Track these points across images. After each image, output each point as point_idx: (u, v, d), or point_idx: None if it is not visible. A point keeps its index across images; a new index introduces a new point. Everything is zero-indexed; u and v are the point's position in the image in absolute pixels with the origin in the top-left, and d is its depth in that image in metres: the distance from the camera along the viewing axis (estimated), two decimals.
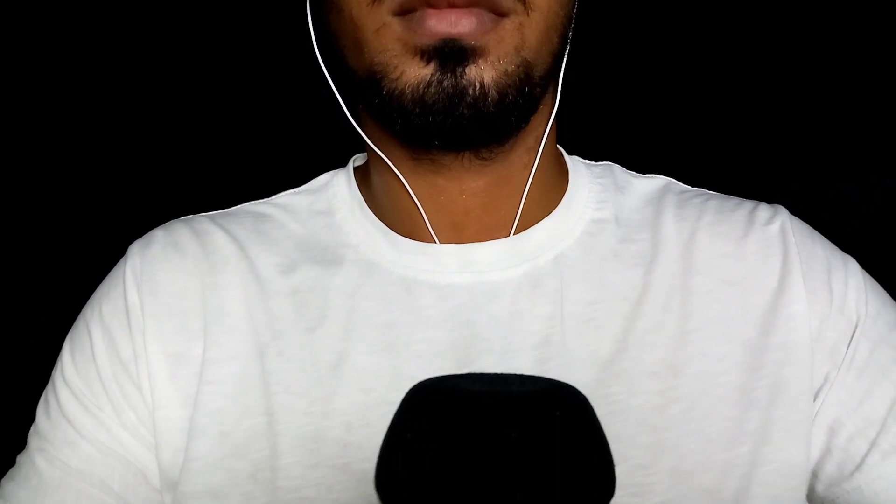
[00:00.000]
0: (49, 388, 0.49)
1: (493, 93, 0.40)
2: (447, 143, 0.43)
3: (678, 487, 0.42)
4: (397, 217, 0.49)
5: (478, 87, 0.40)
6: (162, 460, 0.45)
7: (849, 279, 0.48)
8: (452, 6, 0.39)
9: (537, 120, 0.48)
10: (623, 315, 0.46)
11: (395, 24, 0.40)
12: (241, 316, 0.47)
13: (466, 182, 0.47)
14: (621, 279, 0.47)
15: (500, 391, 0.34)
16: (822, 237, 0.52)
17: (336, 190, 0.53)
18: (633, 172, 0.56)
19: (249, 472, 0.43)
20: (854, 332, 0.46)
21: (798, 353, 0.45)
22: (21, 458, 0.48)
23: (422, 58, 0.40)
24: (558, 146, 0.55)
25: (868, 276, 0.50)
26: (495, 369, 0.44)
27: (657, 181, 0.55)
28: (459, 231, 0.48)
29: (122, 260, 0.51)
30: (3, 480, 0.47)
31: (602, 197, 0.52)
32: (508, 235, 0.48)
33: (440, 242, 0.48)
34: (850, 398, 0.45)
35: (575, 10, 0.46)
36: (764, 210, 0.51)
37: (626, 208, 0.51)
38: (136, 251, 0.50)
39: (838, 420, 0.45)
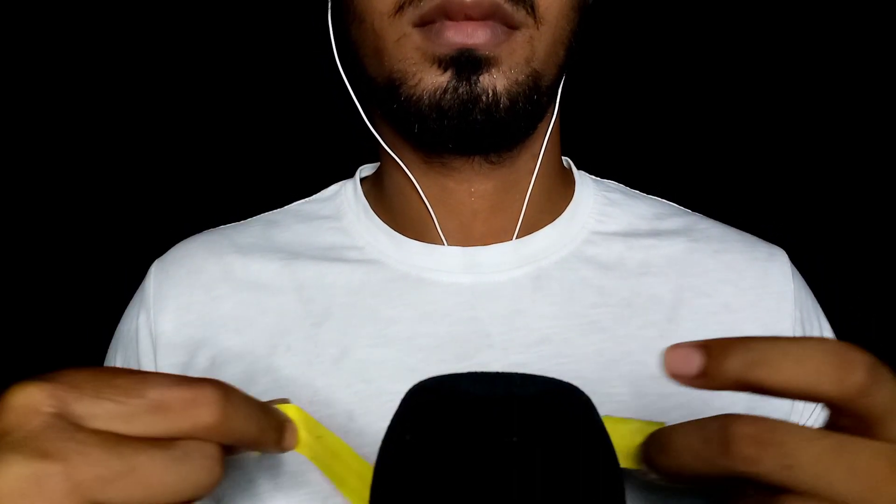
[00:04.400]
0: None
1: (504, 100, 0.43)
2: (460, 146, 0.46)
3: None
4: (407, 219, 0.51)
5: (490, 95, 0.42)
6: None
7: (825, 336, 0.51)
8: (469, 19, 0.41)
9: (543, 128, 0.50)
10: (627, 320, 0.47)
11: (415, 35, 0.43)
12: (249, 319, 0.49)
13: (475, 185, 0.49)
14: (625, 285, 0.49)
15: (501, 393, 0.33)
16: (809, 289, 0.54)
17: (343, 198, 0.56)
18: (639, 192, 0.58)
19: (253, 462, 0.45)
20: None
21: None
22: None
23: (439, 66, 0.42)
24: (568, 159, 0.58)
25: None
26: (496, 364, 0.45)
27: (662, 203, 0.57)
28: (467, 233, 0.50)
29: (143, 281, 0.54)
30: None
31: (606, 211, 0.54)
32: (513, 239, 0.50)
33: (448, 244, 0.50)
34: None
35: (579, 27, 0.48)
36: (765, 247, 0.53)
37: (630, 223, 0.53)
38: (153, 271, 0.54)
39: None
